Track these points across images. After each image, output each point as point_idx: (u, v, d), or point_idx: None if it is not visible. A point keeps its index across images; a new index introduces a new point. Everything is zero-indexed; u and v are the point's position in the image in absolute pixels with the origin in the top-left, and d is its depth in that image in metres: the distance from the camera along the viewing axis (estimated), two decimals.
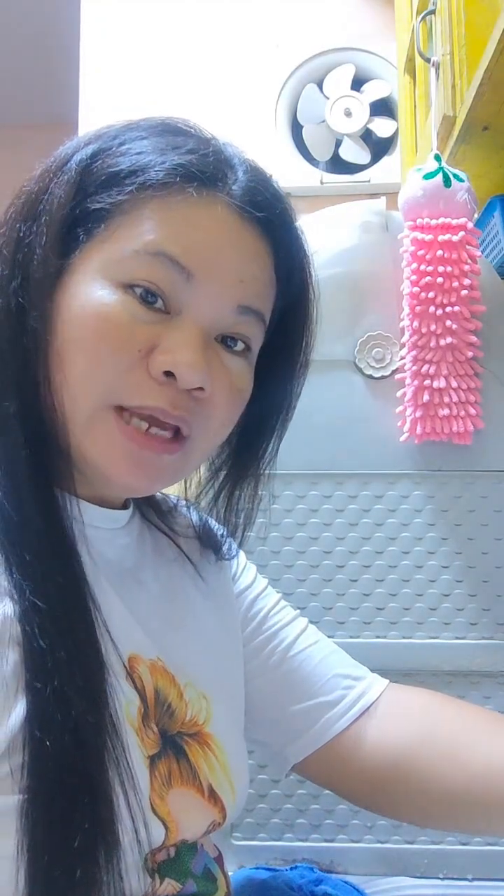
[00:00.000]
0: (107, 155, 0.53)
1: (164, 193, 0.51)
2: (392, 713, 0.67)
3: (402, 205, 0.90)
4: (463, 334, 0.87)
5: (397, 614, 0.90)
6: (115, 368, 0.49)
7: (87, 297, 0.50)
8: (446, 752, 0.64)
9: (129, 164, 0.51)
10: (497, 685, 0.89)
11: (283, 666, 0.68)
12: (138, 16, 1.60)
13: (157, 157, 0.51)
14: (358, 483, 0.91)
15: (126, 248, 0.50)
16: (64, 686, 0.43)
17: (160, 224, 0.50)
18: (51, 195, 0.52)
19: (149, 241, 0.50)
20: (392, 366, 0.91)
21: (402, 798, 0.66)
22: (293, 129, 1.53)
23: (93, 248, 0.51)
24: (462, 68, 0.87)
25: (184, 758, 0.54)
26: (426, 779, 0.64)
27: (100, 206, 0.51)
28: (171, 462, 0.53)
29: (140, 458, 0.51)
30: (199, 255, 0.50)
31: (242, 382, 0.55)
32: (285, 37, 1.55)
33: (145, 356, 0.50)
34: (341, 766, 0.66)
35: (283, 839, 0.88)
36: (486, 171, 0.95)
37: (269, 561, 0.91)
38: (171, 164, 0.51)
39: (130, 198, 0.51)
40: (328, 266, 0.92)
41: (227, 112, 1.52)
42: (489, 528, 0.90)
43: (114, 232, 0.51)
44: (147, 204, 0.51)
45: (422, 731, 0.66)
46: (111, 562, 0.57)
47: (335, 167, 1.52)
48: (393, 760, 0.65)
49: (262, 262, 0.54)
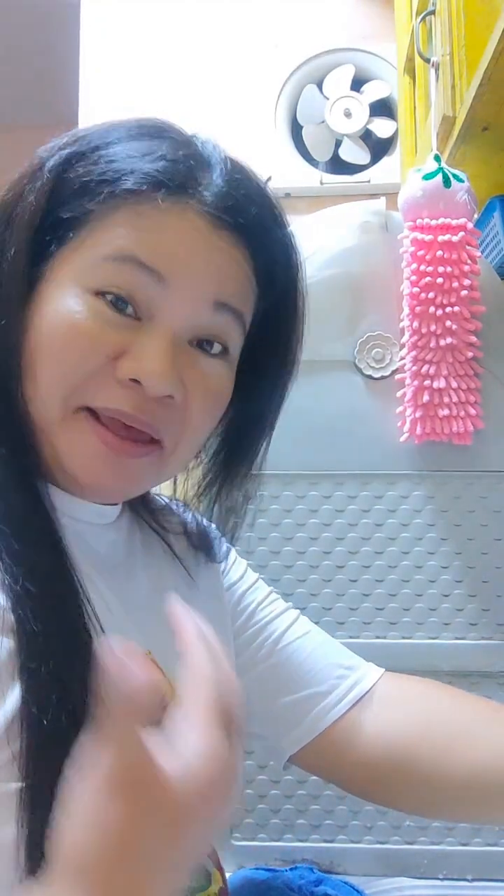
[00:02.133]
0: (80, 162, 0.52)
1: (134, 201, 0.50)
2: (388, 703, 0.67)
3: (402, 205, 0.90)
4: (463, 335, 0.87)
5: (397, 614, 0.90)
6: (81, 372, 0.49)
7: (57, 304, 0.50)
8: (446, 742, 0.64)
9: (101, 173, 0.51)
10: (497, 685, 0.89)
11: (274, 658, 0.68)
12: (138, 16, 1.60)
13: (127, 164, 0.51)
14: (358, 483, 0.91)
15: (96, 255, 0.50)
16: (58, 668, 0.44)
17: (130, 230, 0.50)
18: (24, 202, 0.52)
19: (118, 246, 0.50)
20: (392, 366, 0.91)
21: (403, 788, 0.66)
22: (293, 129, 1.53)
23: (64, 256, 0.51)
24: (462, 69, 0.87)
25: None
26: (427, 769, 0.63)
27: (71, 214, 0.51)
28: (145, 465, 0.53)
29: (114, 461, 0.51)
30: (169, 258, 0.50)
31: (220, 386, 0.55)
32: (285, 37, 1.55)
33: (113, 361, 0.50)
34: (338, 757, 0.66)
35: (282, 840, 0.88)
36: (485, 171, 0.95)
37: (269, 561, 0.91)
38: (142, 173, 0.51)
39: (101, 206, 0.51)
40: (328, 266, 0.93)
41: (227, 112, 1.52)
42: (489, 528, 0.90)
43: (85, 239, 0.51)
44: (117, 211, 0.51)
45: (420, 721, 0.66)
46: (101, 556, 0.57)
47: (335, 167, 1.52)
48: (391, 751, 0.65)
49: (238, 264, 0.54)
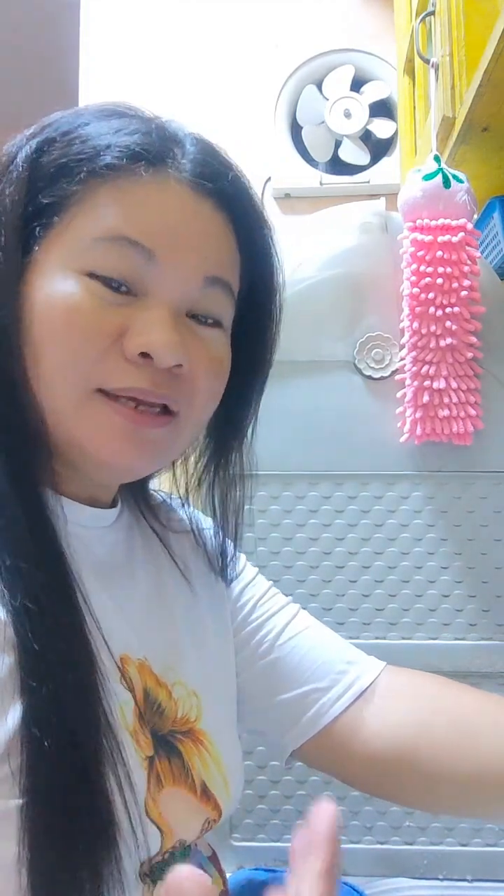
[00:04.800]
0: (52, 147, 0.52)
1: (115, 177, 0.50)
2: (390, 697, 0.66)
3: (402, 206, 0.90)
4: (463, 335, 0.87)
5: (397, 615, 0.90)
6: (90, 356, 0.49)
7: (52, 290, 0.50)
8: (448, 736, 0.63)
9: (77, 153, 0.51)
10: (497, 686, 0.89)
11: (274, 654, 0.67)
12: (138, 16, 1.60)
13: (103, 140, 0.51)
14: (357, 484, 0.91)
15: (85, 237, 0.50)
16: (58, 687, 0.43)
17: (115, 208, 0.50)
18: (2, 196, 0.52)
19: (106, 227, 0.50)
20: (392, 367, 0.91)
21: (405, 783, 0.65)
22: (293, 129, 1.53)
23: (52, 242, 0.51)
24: (461, 69, 0.87)
25: (176, 757, 0.54)
26: (429, 764, 0.63)
27: (53, 199, 0.51)
28: (163, 436, 0.53)
29: (134, 434, 0.51)
30: (157, 233, 0.50)
31: (221, 353, 0.56)
32: (285, 37, 1.55)
33: (118, 340, 0.50)
34: (340, 753, 0.66)
35: (282, 840, 0.88)
36: (485, 172, 0.95)
37: (269, 562, 0.91)
38: (118, 147, 0.51)
39: (82, 186, 0.51)
40: (328, 267, 0.93)
41: (226, 113, 1.52)
42: (489, 528, 0.90)
43: (70, 222, 0.51)
44: (99, 190, 0.50)
45: (422, 716, 0.65)
46: (100, 560, 0.57)
47: (335, 168, 1.52)
48: (393, 746, 0.64)
49: (222, 232, 0.54)
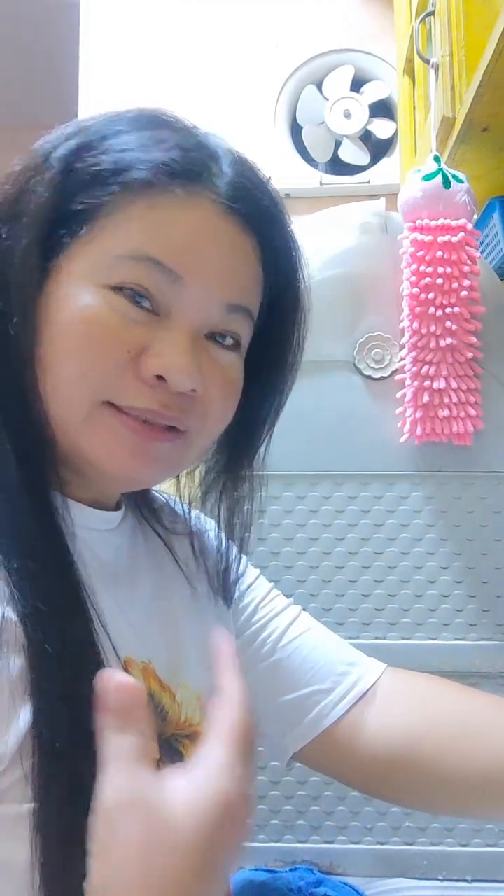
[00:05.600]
0: (89, 152, 0.51)
1: (149, 192, 0.49)
2: (391, 699, 0.66)
3: (402, 206, 0.90)
4: (462, 335, 0.87)
5: (397, 615, 0.90)
6: (106, 370, 0.49)
7: (74, 301, 0.49)
8: (449, 738, 0.63)
9: (113, 163, 0.50)
10: (496, 686, 0.89)
11: (276, 656, 0.67)
12: (138, 16, 1.60)
13: (140, 154, 0.50)
14: (357, 484, 0.91)
15: (112, 252, 0.49)
16: (69, 689, 0.43)
17: (145, 226, 0.49)
18: (31, 195, 0.50)
19: (135, 245, 0.49)
20: (392, 367, 0.91)
21: (406, 785, 0.65)
22: (292, 130, 1.53)
23: (77, 251, 0.50)
24: (461, 70, 0.87)
25: (178, 760, 0.54)
26: (430, 766, 0.63)
27: (83, 206, 0.50)
28: (170, 451, 0.52)
29: (141, 448, 0.50)
30: (185, 257, 0.50)
31: (236, 376, 0.55)
32: (285, 38, 1.55)
33: (135, 357, 0.49)
34: (341, 754, 0.66)
35: (282, 840, 0.88)
36: (485, 172, 0.95)
37: (269, 562, 0.91)
38: (156, 162, 0.50)
39: (114, 198, 0.49)
40: (327, 267, 0.93)
41: (226, 113, 1.52)
42: (489, 529, 0.90)
43: (98, 234, 0.50)
44: (131, 205, 0.49)
45: (423, 718, 0.65)
46: (105, 563, 0.57)
47: (334, 168, 1.52)
48: (395, 748, 0.64)
49: (248, 258, 0.53)
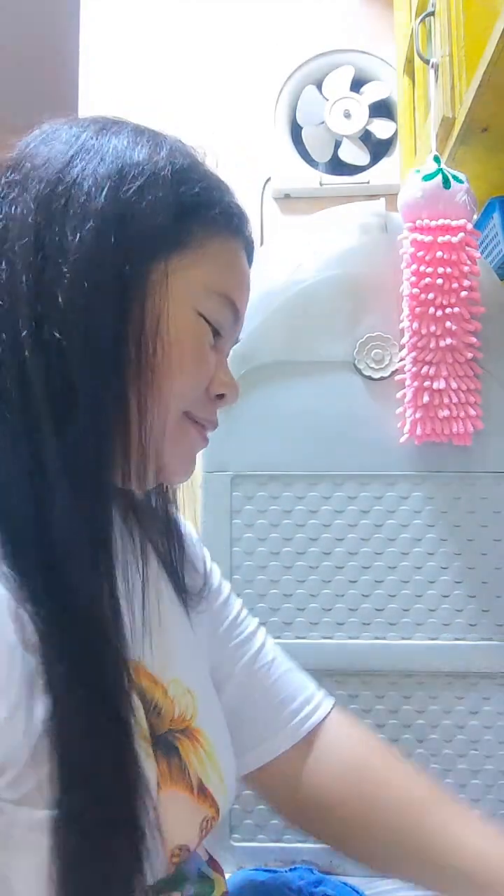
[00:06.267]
0: (189, 178, 0.54)
1: (225, 234, 0.56)
2: (331, 743, 0.69)
3: (402, 206, 0.90)
4: (462, 335, 0.87)
5: (397, 615, 0.90)
6: (200, 385, 0.56)
7: (182, 321, 0.53)
8: (371, 800, 0.66)
9: (207, 196, 0.55)
10: (496, 686, 0.89)
11: (243, 678, 0.69)
12: (138, 16, 1.60)
13: (220, 195, 0.56)
14: (357, 484, 0.91)
15: (205, 285, 0.54)
16: (89, 696, 0.44)
17: (225, 267, 0.56)
18: (141, 203, 0.50)
19: (224, 287, 0.55)
20: (391, 367, 0.92)
21: (324, 828, 0.68)
22: (292, 130, 1.53)
23: (170, 269, 0.52)
24: (461, 70, 0.87)
25: (175, 755, 0.54)
26: (350, 820, 0.66)
27: (180, 228, 0.52)
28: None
29: (198, 452, 0.59)
30: (243, 302, 0.58)
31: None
32: (285, 38, 1.55)
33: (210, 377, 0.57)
34: (282, 784, 0.68)
35: (282, 840, 0.88)
36: (485, 172, 0.95)
37: (269, 562, 0.91)
38: (231, 205, 0.56)
39: (206, 231, 0.54)
40: (327, 267, 0.93)
41: (226, 113, 1.52)
42: (489, 529, 0.90)
43: (193, 261, 0.53)
44: (212, 241, 0.55)
45: (352, 774, 0.68)
46: None
47: (334, 168, 1.52)
48: (323, 792, 0.67)
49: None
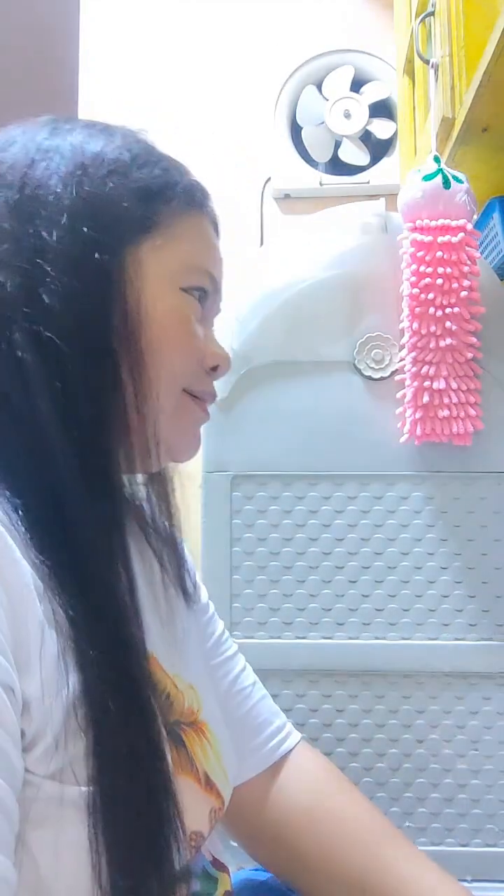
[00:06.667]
0: (146, 162, 0.55)
1: (190, 212, 0.57)
2: (292, 776, 0.70)
3: (402, 206, 0.90)
4: (462, 335, 0.87)
5: (397, 615, 0.90)
6: (193, 361, 0.57)
7: (164, 301, 0.54)
8: (327, 838, 0.66)
9: (169, 180, 0.55)
10: (496, 686, 0.89)
11: (226, 697, 0.69)
12: (138, 16, 1.60)
13: (179, 175, 0.57)
14: (357, 484, 0.91)
15: (182, 262, 0.55)
16: (111, 669, 0.46)
17: (198, 242, 0.57)
18: (110, 195, 0.52)
19: (200, 261, 0.57)
20: (391, 367, 0.92)
21: (272, 859, 0.69)
22: (292, 130, 1.53)
23: (144, 253, 0.53)
24: (461, 70, 0.87)
25: (182, 746, 0.55)
26: (303, 854, 0.66)
27: (147, 210, 0.54)
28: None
29: (201, 427, 0.60)
30: (219, 272, 0.59)
31: None
32: (284, 38, 1.55)
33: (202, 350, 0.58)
34: (247, 809, 0.68)
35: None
36: (485, 172, 0.95)
37: (269, 562, 0.91)
38: (191, 184, 0.57)
39: (171, 211, 0.55)
40: (327, 267, 0.93)
41: (226, 113, 1.52)
42: (488, 529, 0.90)
43: (168, 242, 0.55)
44: (180, 219, 0.56)
45: (308, 806, 0.68)
46: None
47: (334, 169, 1.52)
48: (281, 824, 0.67)
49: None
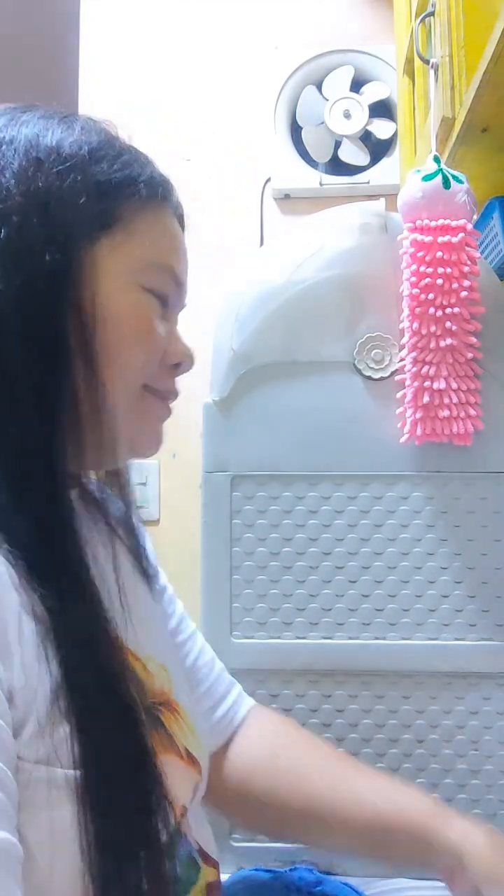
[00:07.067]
0: (105, 157, 0.54)
1: (151, 206, 0.56)
2: (249, 734, 0.75)
3: (402, 206, 0.90)
4: (462, 336, 0.87)
5: (397, 615, 0.90)
6: (154, 359, 0.56)
7: (122, 298, 0.53)
8: (286, 775, 0.72)
9: (132, 174, 0.54)
10: (496, 686, 0.89)
11: (190, 674, 0.73)
12: (138, 16, 1.60)
13: (140, 168, 0.55)
14: (357, 484, 0.91)
15: (142, 259, 0.54)
16: (94, 660, 0.47)
17: (160, 238, 0.56)
18: (64, 188, 0.51)
19: (162, 259, 0.56)
20: (391, 367, 0.92)
21: (244, 811, 0.73)
22: (292, 130, 1.53)
23: (105, 248, 0.53)
24: (461, 70, 0.87)
25: (161, 726, 0.56)
26: (268, 796, 0.71)
27: (107, 206, 0.53)
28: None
29: (163, 424, 0.60)
30: (183, 268, 0.59)
31: None
32: (284, 38, 1.55)
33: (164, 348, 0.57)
34: (210, 778, 0.70)
35: (282, 841, 0.88)
36: (485, 172, 0.95)
37: (269, 562, 0.91)
38: (153, 177, 0.56)
39: (134, 206, 0.54)
40: (327, 267, 0.93)
41: (226, 113, 1.52)
42: (489, 529, 0.90)
43: (127, 238, 0.54)
44: (141, 215, 0.55)
45: (267, 754, 0.73)
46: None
47: (334, 169, 1.52)
48: (243, 776, 0.72)
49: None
